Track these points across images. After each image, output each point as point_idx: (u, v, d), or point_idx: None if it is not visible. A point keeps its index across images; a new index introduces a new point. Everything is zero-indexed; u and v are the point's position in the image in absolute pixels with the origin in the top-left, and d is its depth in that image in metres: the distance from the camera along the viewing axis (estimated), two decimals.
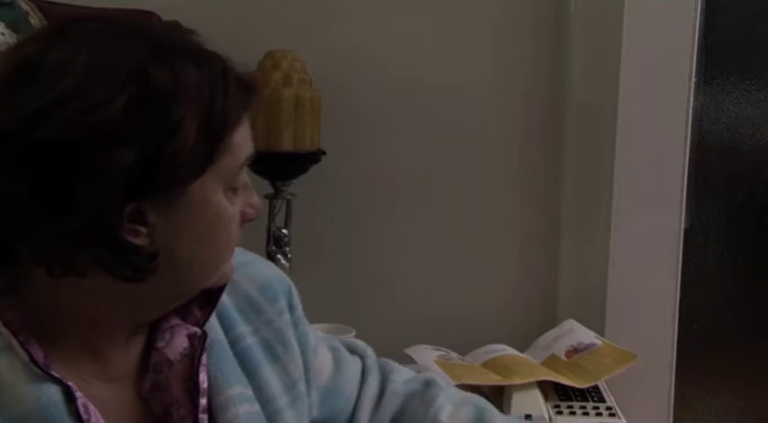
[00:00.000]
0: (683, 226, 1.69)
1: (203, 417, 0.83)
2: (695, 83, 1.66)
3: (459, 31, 1.67)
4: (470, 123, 1.70)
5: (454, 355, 1.57)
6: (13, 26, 1.30)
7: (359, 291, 1.72)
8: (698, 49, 1.64)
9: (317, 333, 1.02)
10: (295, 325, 0.95)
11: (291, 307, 0.96)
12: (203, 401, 0.83)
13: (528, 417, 1.37)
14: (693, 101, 1.66)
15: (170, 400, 0.83)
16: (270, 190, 1.56)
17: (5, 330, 0.75)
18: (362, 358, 1.05)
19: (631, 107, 1.62)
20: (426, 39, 1.67)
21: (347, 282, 1.72)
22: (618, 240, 1.66)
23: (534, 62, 1.69)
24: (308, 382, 0.95)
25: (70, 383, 0.75)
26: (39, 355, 0.75)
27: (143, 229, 0.74)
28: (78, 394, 0.75)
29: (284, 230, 1.57)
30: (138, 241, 0.73)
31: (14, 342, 0.74)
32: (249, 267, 0.94)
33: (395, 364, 1.08)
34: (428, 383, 1.05)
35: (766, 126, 1.89)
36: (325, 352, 1.01)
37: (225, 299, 0.89)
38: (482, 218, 1.74)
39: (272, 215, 1.57)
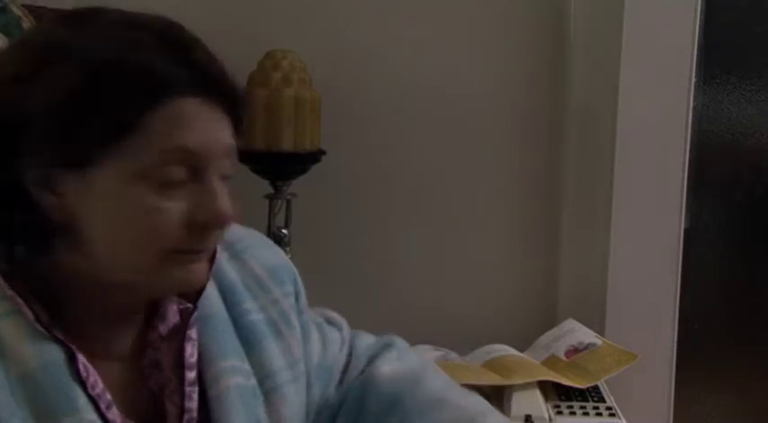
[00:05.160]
0: (683, 226, 1.69)
1: (190, 389, 0.83)
2: (695, 83, 1.66)
3: (459, 32, 1.67)
4: (470, 123, 1.70)
5: (454, 355, 1.57)
6: (5, 30, 1.30)
7: (359, 291, 1.72)
8: (698, 49, 1.64)
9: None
10: (299, 312, 0.97)
11: (297, 294, 0.97)
12: (190, 375, 0.83)
13: (528, 417, 1.37)
14: (693, 101, 1.65)
15: (164, 377, 0.83)
16: (270, 190, 1.56)
17: (11, 292, 0.75)
18: (339, 330, 1.07)
19: (631, 107, 1.62)
20: (427, 39, 1.67)
21: (347, 282, 1.72)
22: (618, 241, 1.66)
23: (534, 62, 1.69)
24: (306, 366, 0.96)
25: (72, 345, 0.76)
26: (43, 317, 0.76)
27: (51, 198, 0.74)
28: (79, 355, 0.76)
29: (284, 230, 1.57)
30: (44, 205, 0.74)
31: (20, 301, 0.75)
32: (257, 249, 0.95)
33: (361, 332, 1.11)
34: (387, 346, 1.07)
35: (766, 126, 1.89)
36: (315, 332, 1.02)
37: (232, 275, 0.90)
38: (482, 218, 1.74)
39: (272, 215, 1.57)
